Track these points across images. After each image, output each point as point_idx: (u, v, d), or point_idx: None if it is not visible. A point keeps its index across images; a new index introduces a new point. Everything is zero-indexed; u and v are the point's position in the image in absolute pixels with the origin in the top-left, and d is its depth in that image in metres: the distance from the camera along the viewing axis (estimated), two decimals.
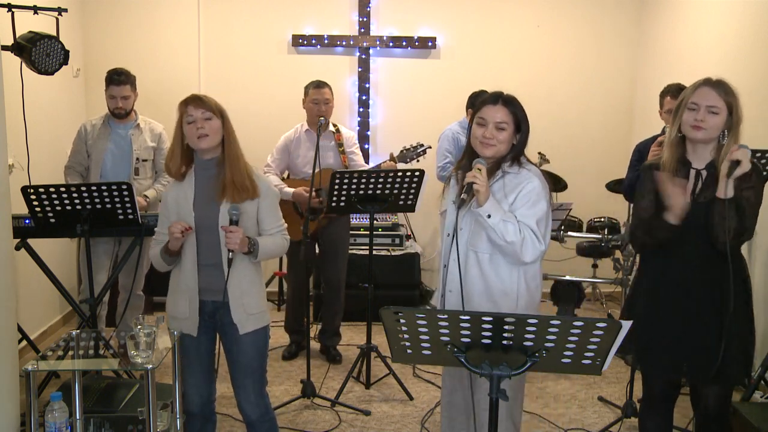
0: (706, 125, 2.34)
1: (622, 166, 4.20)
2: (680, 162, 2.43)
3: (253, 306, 2.64)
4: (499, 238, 2.33)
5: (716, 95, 2.34)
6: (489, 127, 2.42)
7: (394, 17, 5.84)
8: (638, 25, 5.94)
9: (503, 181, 2.43)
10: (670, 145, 2.45)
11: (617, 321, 1.64)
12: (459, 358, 1.77)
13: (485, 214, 2.33)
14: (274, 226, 2.68)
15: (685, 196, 2.35)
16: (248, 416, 2.70)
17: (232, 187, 2.54)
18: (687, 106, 2.38)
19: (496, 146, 2.41)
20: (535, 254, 2.37)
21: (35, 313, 4.67)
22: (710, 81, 2.38)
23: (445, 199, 2.58)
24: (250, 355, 2.64)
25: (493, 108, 2.44)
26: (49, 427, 2.37)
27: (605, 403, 3.90)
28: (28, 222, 3.42)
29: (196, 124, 2.52)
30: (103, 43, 5.60)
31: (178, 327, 2.64)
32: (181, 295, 2.63)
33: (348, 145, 4.37)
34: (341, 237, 4.40)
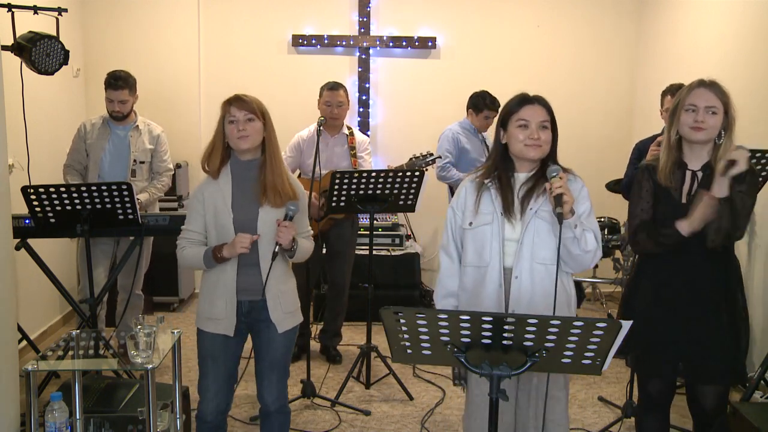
0: (706, 126, 2.35)
1: (622, 166, 4.20)
2: (675, 164, 2.44)
3: (289, 304, 2.66)
4: (579, 249, 2.20)
5: (713, 95, 2.36)
6: (532, 127, 2.28)
7: (394, 17, 5.84)
8: (638, 25, 5.94)
9: None
10: (667, 147, 2.46)
11: (617, 321, 1.64)
12: (459, 358, 1.77)
13: (573, 225, 2.18)
14: (306, 229, 2.71)
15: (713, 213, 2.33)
16: (268, 406, 2.69)
17: (273, 190, 2.55)
18: (684, 107, 2.39)
19: (542, 147, 2.29)
20: (598, 259, 2.29)
21: (35, 313, 4.68)
22: (705, 82, 2.39)
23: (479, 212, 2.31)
24: (280, 352, 2.65)
25: (534, 107, 2.32)
26: (49, 427, 2.37)
27: (605, 403, 3.90)
28: (28, 222, 3.42)
29: (237, 125, 2.53)
30: (103, 43, 5.60)
31: (214, 328, 2.60)
32: (219, 295, 2.58)
33: (360, 149, 4.36)
34: (348, 239, 4.39)
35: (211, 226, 2.59)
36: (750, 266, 4.11)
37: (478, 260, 2.31)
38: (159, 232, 3.80)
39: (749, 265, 4.10)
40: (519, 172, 2.35)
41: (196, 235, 2.61)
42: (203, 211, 2.60)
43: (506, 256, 2.28)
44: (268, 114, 2.63)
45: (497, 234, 2.27)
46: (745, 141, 3.66)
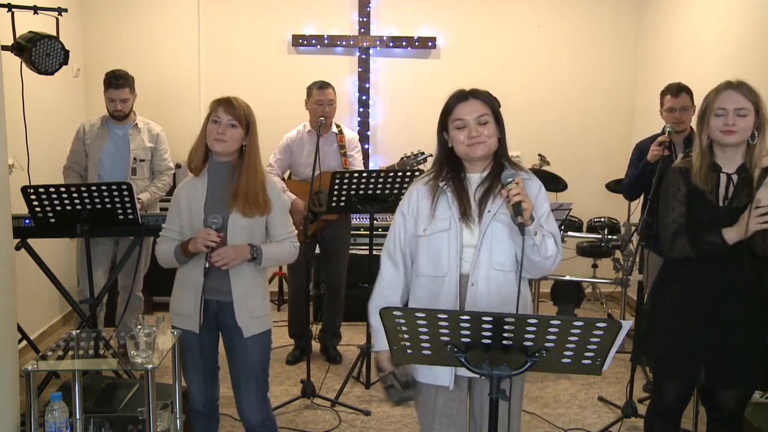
0: (737, 128, 2.31)
1: (622, 166, 4.20)
2: (709, 167, 2.39)
3: (257, 309, 2.64)
4: (539, 255, 2.07)
5: (742, 97, 2.31)
6: (471, 124, 2.14)
7: (394, 17, 5.84)
8: (638, 25, 5.94)
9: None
10: (700, 152, 2.39)
11: (617, 321, 1.64)
12: (459, 358, 1.77)
13: (533, 232, 2.04)
14: (283, 233, 2.69)
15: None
16: (249, 421, 2.70)
17: (243, 198, 2.55)
18: (714, 112, 2.34)
19: (486, 142, 2.14)
20: (557, 264, 2.15)
21: (35, 313, 4.68)
22: (732, 84, 2.35)
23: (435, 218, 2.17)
24: (254, 358, 2.65)
25: (467, 104, 2.18)
26: (49, 427, 2.37)
27: (605, 403, 3.89)
28: (28, 222, 3.43)
29: (218, 126, 2.54)
30: (103, 43, 5.61)
31: (182, 323, 2.64)
32: (187, 291, 2.62)
33: (350, 147, 4.35)
34: (342, 237, 4.40)
35: (186, 226, 2.63)
36: None
37: (433, 269, 2.16)
38: (159, 232, 3.79)
39: None
40: (471, 173, 2.21)
41: (173, 233, 2.66)
42: (179, 210, 2.64)
43: (463, 263, 2.14)
44: (255, 123, 2.62)
45: (455, 241, 2.13)
46: None
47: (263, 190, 2.60)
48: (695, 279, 2.42)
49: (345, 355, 4.54)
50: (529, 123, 5.74)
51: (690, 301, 2.42)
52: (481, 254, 2.12)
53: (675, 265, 2.51)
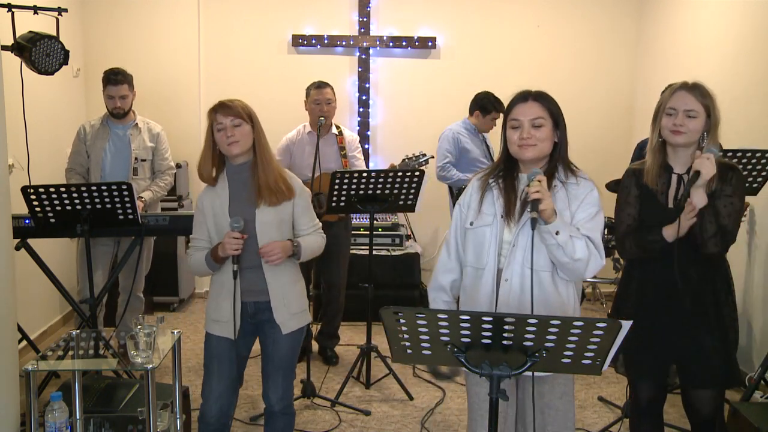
0: (685, 129, 2.35)
1: (622, 166, 4.19)
2: (662, 167, 2.44)
3: (295, 305, 2.67)
4: (566, 257, 2.10)
5: (693, 99, 2.35)
6: (525, 126, 2.18)
7: (394, 17, 5.84)
8: (638, 25, 5.94)
9: (565, 191, 2.22)
10: (652, 150, 2.46)
11: (617, 321, 1.64)
12: (459, 358, 1.77)
13: (554, 231, 2.08)
14: (310, 225, 2.72)
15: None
16: (272, 406, 2.70)
17: (267, 190, 2.57)
18: (665, 111, 2.39)
19: (537, 145, 2.18)
20: (597, 269, 2.18)
21: (35, 313, 4.68)
22: (687, 85, 2.39)
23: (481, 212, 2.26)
24: (286, 353, 2.67)
25: (525, 105, 2.21)
26: (49, 427, 2.37)
27: (605, 403, 3.90)
28: (28, 222, 3.43)
29: (225, 131, 2.55)
30: (103, 43, 5.61)
31: (218, 330, 2.63)
32: (225, 298, 2.61)
33: (350, 148, 4.35)
34: (342, 239, 4.39)
35: (213, 232, 2.63)
36: (750, 266, 4.11)
37: (476, 261, 2.25)
38: (159, 233, 3.80)
39: (749, 265, 4.11)
40: (523, 173, 2.25)
41: (202, 242, 2.66)
42: (204, 219, 2.64)
43: (501, 258, 2.21)
44: (255, 115, 2.63)
45: (495, 236, 2.20)
46: (745, 141, 3.68)
47: (282, 177, 2.62)
48: (651, 278, 2.48)
49: (345, 355, 4.54)
50: None
51: (649, 300, 2.48)
52: (516, 252, 2.17)
53: (633, 266, 2.58)
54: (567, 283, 2.22)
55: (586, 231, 2.17)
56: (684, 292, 2.40)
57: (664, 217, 2.41)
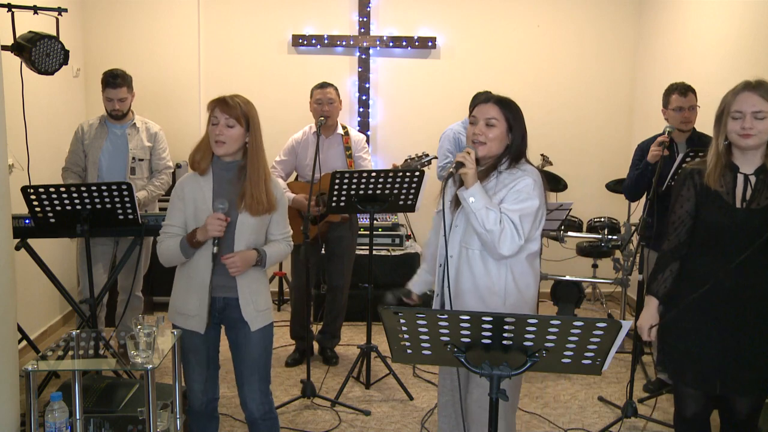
0: (755, 131, 2.27)
1: (622, 166, 4.21)
2: (727, 167, 2.35)
3: (262, 303, 2.68)
4: (479, 225, 2.32)
5: (759, 98, 2.26)
6: (479, 124, 2.44)
7: (394, 17, 5.84)
8: (638, 25, 5.94)
9: (497, 179, 2.42)
10: (716, 154, 2.36)
11: (617, 321, 1.64)
12: (459, 358, 1.77)
13: (469, 197, 2.33)
14: (281, 232, 2.73)
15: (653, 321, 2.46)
16: (251, 413, 2.70)
17: (250, 198, 2.56)
18: (731, 114, 2.30)
19: (486, 144, 2.41)
20: (512, 248, 2.32)
21: (35, 313, 4.68)
22: (750, 84, 2.30)
23: (443, 199, 2.53)
24: (257, 352, 2.67)
25: (484, 106, 2.46)
26: (49, 427, 2.37)
27: (605, 403, 3.89)
28: (28, 222, 3.42)
29: (216, 128, 2.54)
30: (103, 43, 5.60)
31: (185, 323, 2.64)
32: (192, 291, 2.62)
33: (356, 148, 4.34)
34: (346, 240, 4.38)
35: (192, 223, 2.61)
36: None
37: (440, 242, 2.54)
38: (159, 232, 3.79)
39: None
40: (480, 166, 2.47)
41: (176, 229, 2.64)
42: (183, 207, 2.63)
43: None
44: (256, 119, 2.61)
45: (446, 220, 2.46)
46: None
47: (269, 190, 2.61)
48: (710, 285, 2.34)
49: (345, 355, 4.54)
50: (529, 123, 5.63)
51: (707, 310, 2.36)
52: (457, 232, 2.47)
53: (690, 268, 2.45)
54: (499, 266, 2.41)
55: (506, 210, 2.35)
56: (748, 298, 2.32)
57: (732, 218, 2.31)
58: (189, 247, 2.57)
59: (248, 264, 2.59)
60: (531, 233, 2.39)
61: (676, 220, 2.45)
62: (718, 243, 2.35)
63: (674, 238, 2.45)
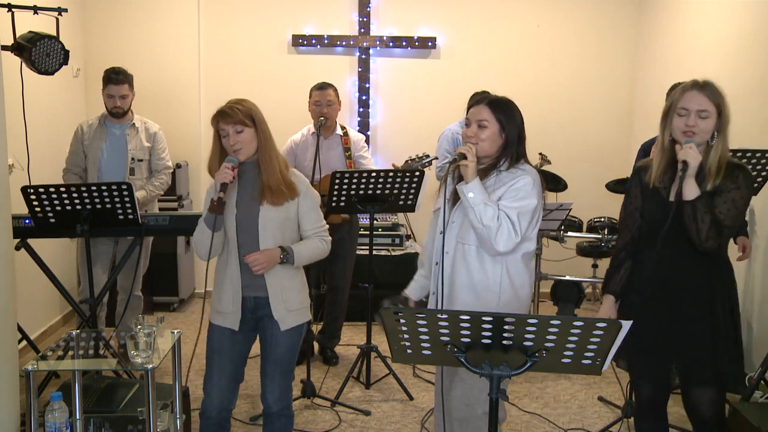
0: (697, 130, 2.33)
1: (622, 165, 4.21)
2: (668, 165, 2.43)
3: (293, 302, 2.68)
4: (477, 220, 2.35)
5: (705, 98, 2.32)
6: (472, 125, 2.48)
7: (394, 17, 5.84)
8: (638, 26, 5.94)
9: (496, 177, 2.46)
10: (661, 150, 2.45)
11: (617, 321, 1.64)
12: (459, 358, 1.77)
13: (468, 192, 2.36)
14: (314, 227, 2.72)
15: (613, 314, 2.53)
16: (269, 407, 2.71)
17: (269, 191, 2.59)
18: (677, 111, 2.37)
19: (478, 145, 2.45)
20: (509, 244, 2.36)
21: (35, 313, 4.68)
22: (698, 84, 2.36)
23: (440, 197, 2.56)
24: (283, 349, 2.68)
25: (477, 108, 2.50)
26: (49, 427, 2.37)
27: (605, 403, 3.90)
28: (28, 222, 3.42)
29: (229, 139, 2.58)
30: (103, 43, 5.60)
31: (222, 321, 2.66)
32: (227, 289, 2.65)
33: (356, 149, 4.34)
34: (347, 242, 4.37)
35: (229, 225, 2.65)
36: (750, 266, 4.11)
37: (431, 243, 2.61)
38: (159, 232, 3.80)
39: (749, 265, 4.10)
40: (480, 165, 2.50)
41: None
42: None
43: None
44: (259, 115, 2.65)
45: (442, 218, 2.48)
46: (745, 141, 3.68)
47: (285, 178, 2.63)
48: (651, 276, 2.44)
49: (345, 355, 4.54)
50: (529, 123, 5.63)
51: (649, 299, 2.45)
52: (453, 227, 2.49)
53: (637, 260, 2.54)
54: (494, 262, 2.43)
55: (504, 207, 2.38)
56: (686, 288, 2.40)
57: (663, 210, 2.39)
58: (209, 213, 2.57)
59: (273, 261, 2.59)
60: (528, 232, 2.43)
61: (626, 217, 2.56)
62: (656, 236, 2.41)
63: (626, 234, 2.56)
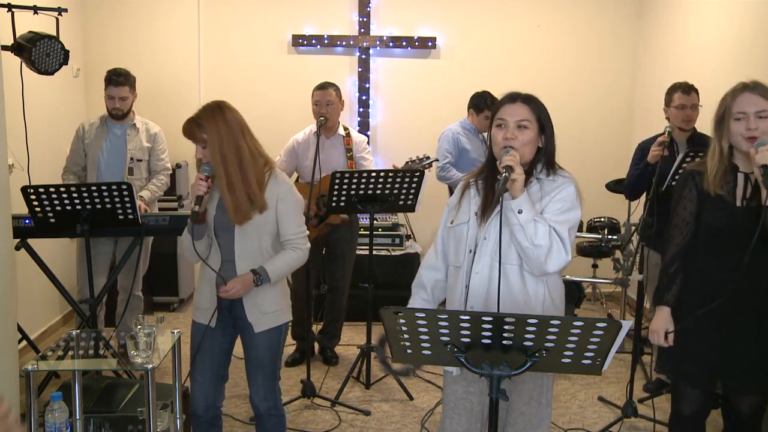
0: (759, 132, 2.25)
1: (622, 166, 4.20)
2: (728, 169, 2.34)
3: (268, 305, 2.66)
4: (526, 240, 2.07)
5: (760, 98, 2.25)
6: (510, 127, 2.16)
7: (394, 17, 5.84)
8: (638, 25, 5.94)
9: (539, 185, 2.20)
10: (719, 157, 2.34)
11: (617, 321, 1.64)
12: (459, 358, 1.77)
13: (517, 209, 2.07)
14: (293, 232, 2.66)
15: None
16: (256, 408, 2.73)
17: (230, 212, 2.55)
18: (733, 116, 2.28)
19: (519, 148, 2.15)
20: (559, 264, 2.13)
21: (35, 313, 4.67)
22: (748, 85, 2.29)
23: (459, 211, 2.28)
24: (261, 351, 2.68)
25: (513, 106, 2.20)
26: (49, 427, 2.37)
27: (605, 403, 3.89)
28: (28, 222, 3.42)
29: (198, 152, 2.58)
30: (103, 43, 5.60)
31: (201, 317, 2.67)
32: (206, 285, 2.66)
33: (358, 150, 4.33)
34: (347, 242, 4.37)
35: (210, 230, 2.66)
36: None
37: (456, 260, 2.27)
38: (159, 233, 3.80)
39: None
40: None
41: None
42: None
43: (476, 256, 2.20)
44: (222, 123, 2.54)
45: (471, 234, 2.21)
46: None
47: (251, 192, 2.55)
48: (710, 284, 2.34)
49: (345, 355, 4.54)
50: None
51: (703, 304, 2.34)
52: (488, 245, 2.17)
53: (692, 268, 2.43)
54: (537, 281, 2.18)
55: (553, 223, 2.11)
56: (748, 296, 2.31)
57: (733, 217, 2.31)
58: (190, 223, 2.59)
59: (247, 287, 2.58)
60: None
61: (680, 222, 2.43)
62: (720, 243, 2.35)
63: (680, 240, 2.43)
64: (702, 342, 2.37)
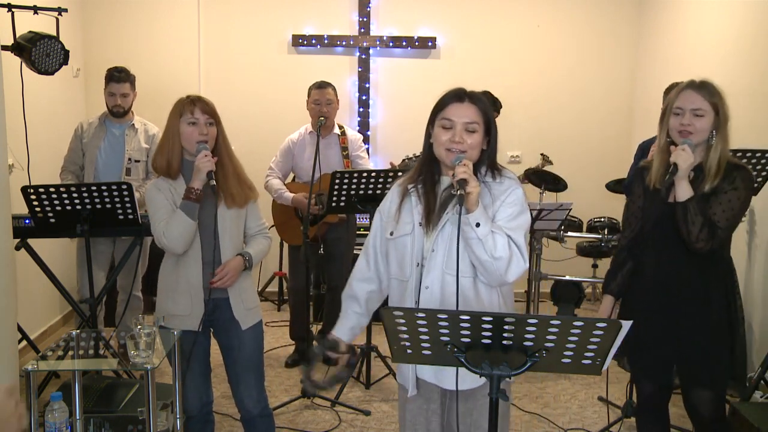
0: (692, 129, 2.33)
1: (622, 165, 4.20)
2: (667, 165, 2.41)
3: (250, 301, 2.69)
4: (485, 254, 1.94)
5: (700, 98, 2.33)
6: (458, 129, 2.04)
7: (394, 17, 5.84)
8: (638, 26, 5.94)
9: (486, 190, 2.06)
10: (659, 151, 2.45)
11: (617, 321, 1.64)
12: (459, 358, 1.77)
13: (474, 222, 1.93)
14: (258, 224, 2.74)
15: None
16: (249, 412, 2.71)
17: (230, 196, 2.59)
18: (672, 111, 2.38)
19: (467, 153, 2.02)
20: (518, 273, 1.99)
21: (35, 313, 4.67)
22: (694, 84, 2.37)
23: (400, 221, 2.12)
24: (251, 349, 2.68)
25: (461, 106, 2.08)
26: (49, 427, 2.37)
27: (605, 403, 3.89)
28: (28, 222, 3.42)
29: (198, 128, 2.54)
30: (103, 43, 5.61)
31: (179, 325, 2.63)
32: (182, 292, 2.62)
33: (353, 148, 4.33)
34: (345, 240, 4.37)
35: None
36: (750, 266, 4.11)
37: (400, 274, 2.11)
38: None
39: (749, 265, 4.10)
40: (445, 175, 2.12)
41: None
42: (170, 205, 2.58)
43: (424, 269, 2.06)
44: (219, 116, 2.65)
45: (417, 246, 2.06)
46: (745, 141, 3.68)
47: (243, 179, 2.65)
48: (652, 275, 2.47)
49: None
50: (529, 123, 5.75)
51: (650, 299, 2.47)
52: (437, 257, 2.04)
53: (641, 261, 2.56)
54: (490, 290, 2.06)
55: (508, 231, 1.99)
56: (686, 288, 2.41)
57: (662, 211, 2.41)
58: (191, 203, 2.51)
59: (239, 270, 2.61)
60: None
61: (629, 217, 2.59)
62: (662, 236, 2.44)
63: (629, 233, 2.59)
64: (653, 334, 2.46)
